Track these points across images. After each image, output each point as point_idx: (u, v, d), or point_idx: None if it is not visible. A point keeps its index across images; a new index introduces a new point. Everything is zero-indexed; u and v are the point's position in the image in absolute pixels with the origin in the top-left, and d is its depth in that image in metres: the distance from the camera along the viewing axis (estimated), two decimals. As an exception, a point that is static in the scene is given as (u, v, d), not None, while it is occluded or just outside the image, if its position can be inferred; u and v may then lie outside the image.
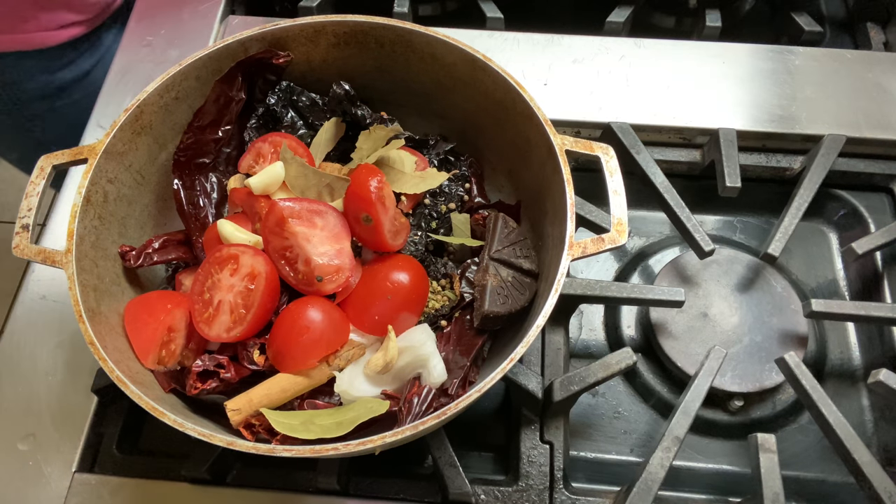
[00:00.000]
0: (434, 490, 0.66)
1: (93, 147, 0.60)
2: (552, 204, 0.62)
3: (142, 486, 0.65)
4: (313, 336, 0.57)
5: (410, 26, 0.66)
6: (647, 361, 0.75)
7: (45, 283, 0.75)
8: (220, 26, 0.92)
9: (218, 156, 0.70)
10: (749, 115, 0.83)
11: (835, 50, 0.88)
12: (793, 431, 0.72)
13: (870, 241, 0.74)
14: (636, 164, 0.78)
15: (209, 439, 0.49)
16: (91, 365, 0.70)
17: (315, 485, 0.64)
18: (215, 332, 0.58)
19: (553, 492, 0.65)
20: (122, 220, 0.64)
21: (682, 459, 0.71)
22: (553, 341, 0.72)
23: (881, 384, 0.65)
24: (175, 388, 0.60)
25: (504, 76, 0.63)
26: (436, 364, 0.59)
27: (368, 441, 0.48)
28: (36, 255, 0.58)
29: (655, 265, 0.82)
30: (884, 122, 0.82)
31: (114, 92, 0.87)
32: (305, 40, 0.68)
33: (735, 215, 0.85)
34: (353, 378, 0.59)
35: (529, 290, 0.63)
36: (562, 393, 0.65)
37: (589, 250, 0.57)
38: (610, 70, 0.87)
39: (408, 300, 0.61)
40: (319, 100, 0.72)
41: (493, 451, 0.71)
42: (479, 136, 0.72)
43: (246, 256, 0.59)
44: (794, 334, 0.73)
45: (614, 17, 0.94)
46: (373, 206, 0.59)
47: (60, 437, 0.67)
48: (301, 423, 0.54)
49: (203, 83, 0.66)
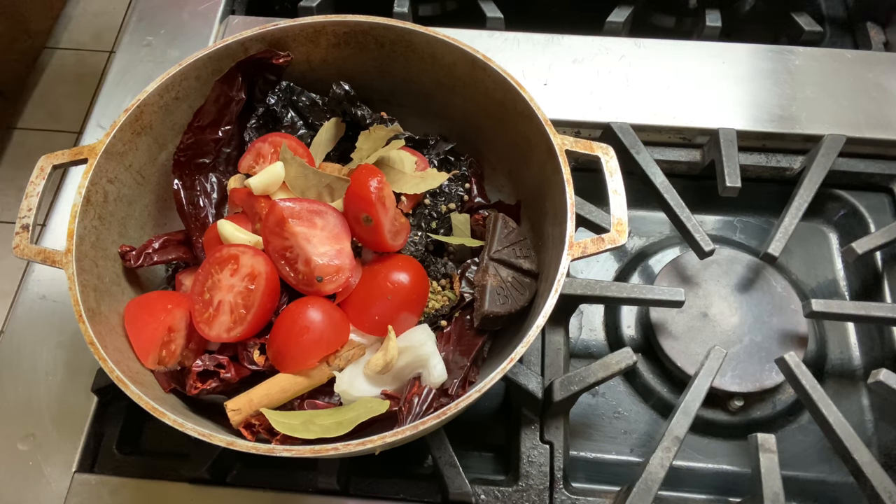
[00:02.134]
0: (434, 490, 0.66)
1: (93, 147, 0.60)
2: (552, 204, 0.62)
3: (142, 486, 0.65)
4: (313, 336, 0.58)
5: (410, 26, 0.66)
6: (647, 361, 0.75)
7: (45, 283, 0.75)
8: (220, 26, 0.92)
9: (218, 156, 0.70)
10: (749, 115, 0.83)
11: (835, 50, 0.88)
12: (793, 431, 0.72)
13: (870, 241, 0.74)
14: (636, 164, 0.78)
15: (209, 439, 0.49)
16: (91, 365, 0.70)
17: (315, 485, 0.64)
18: (215, 332, 0.58)
19: (553, 492, 0.65)
20: (122, 220, 0.64)
21: (682, 459, 0.71)
22: (553, 341, 0.72)
23: (881, 384, 0.65)
24: (175, 388, 0.60)
25: (504, 76, 0.63)
26: (436, 364, 0.59)
27: (368, 441, 0.48)
28: (36, 255, 0.58)
29: (655, 265, 0.82)
30: (884, 122, 0.82)
31: (114, 92, 0.87)
32: (305, 40, 0.68)
33: (735, 215, 0.85)
34: (353, 378, 0.59)
35: (529, 291, 0.63)
36: (562, 393, 0.65)
37: (589, 250, 0.57)
38: (610, 70, 0.87)
39: (408, 300, 0.61)
40: (319, 100, 0.72)
41: (493, 451, 0.71)
42: (479, 136, 0.72)
43: (246, 256, 0.59)
44: (794, 334, 0.73)
45: (614, 17, 0.94)
46: (373, 206, 0.59)
47: (60, 437, 0.67)
48: (301, 423, 0.54)
49: (203, 83, 0.66)
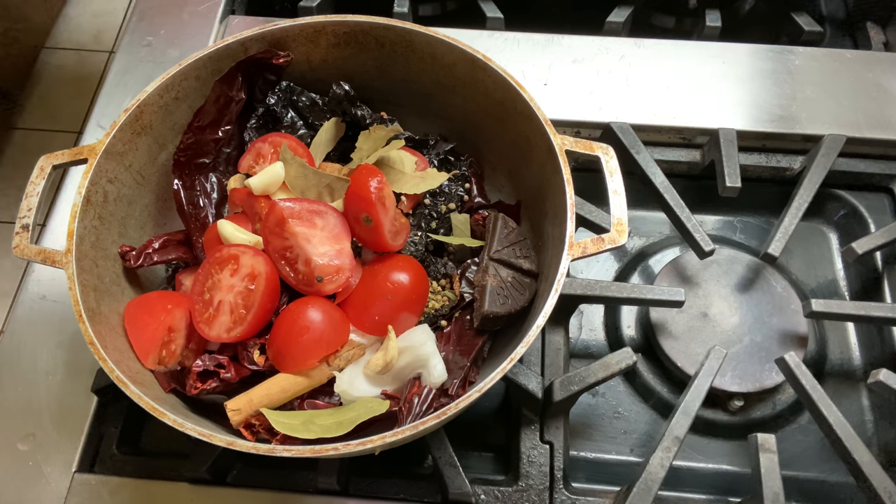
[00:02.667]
0: (434, 490, 0.66)
1: (93, 147, 0.60)
2: (552, 204, 0.62)
3: (142, 486, 0.65)
4: (313, 336, 0.58)
5: (410, 26, 0.66)
6: (647, 361, 0.75)
7: (45, 283, 0.75)
8: (220, 26, 0.92)
9: (218, 156, 0.70)
10: (749, 115, 0.83)
11: (835, 50, 0.88)
12: (793, 431, 0.72)
13: (870, 241, 0.74)
14: (636, 164, 0.78)
15: (209, 439, 0.49)
16: (91, 365, 0.70)
17: (315, 485, 0.64)
18: (215, 332, 0.58)
19: (553, 492, 0.65)
20: (122, 220, 0.64)
21: (682, 459, 0.71)
22: (553, 341, 0.72)
23: (881, 384, 0.65)
24: (175, 388, 0.60)
25: (504, 76, 0.63)
26: (436, 364, 0.59)
27: (368, 441, 0.48)
28: (36, 255, 0.58)
29: (655, 265, 0.82)
30: (884, 122, 0.82)
31: (114, 92, 0.87)
32: (305, 40, 0.68)
33: (735, 215, 0.85)
34: (353, 378, 0.59)
35: (529, 291, 0.63)
36: (562, 393, 0.65)
37: (589, 250, 0.57)
38: (610, 70, 0.87)
39: (408, 300, 0.61)
40: (319, 100, 0.72)
41: (493, 451, 0.71)
42: (479, 136, 0.72)
43: (246, 257, 0.59)
44: (794, 334, 0.73)
45: (614, 17, 0.94)
46: (373, 206, 0.59)
47: (60, 437, 0.67)
48: (301, 423, 0.54)
49: (203, 83, 0.66)
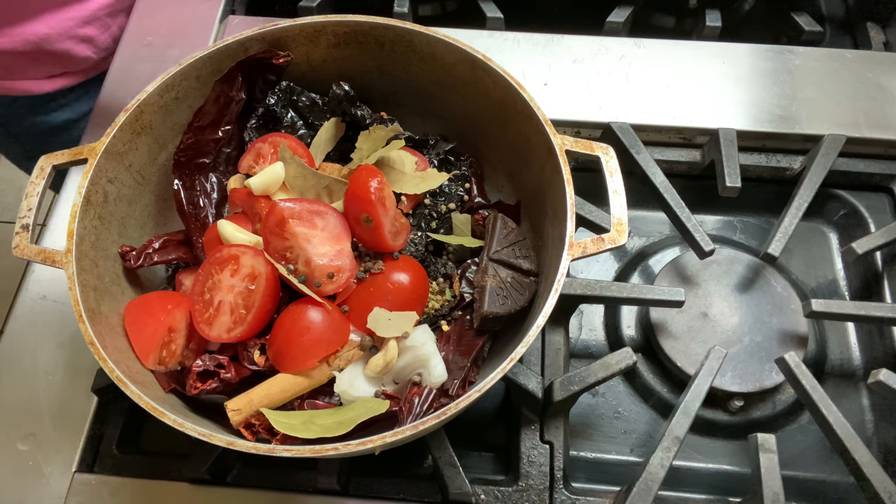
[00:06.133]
0: (434, 490, 0.66)
1: (93, 147, 0.60)
2: (552, 204, 0.62)
3: (142, 486, 0.65)
4: (313, 336, 0.57)
5: (410, 26, 0.66)
6: (647, 361, 0.75)
7: (45, 283, 0.75)
8: (220, 26, 0.92)
9: (218, 156, 0.70)
10: (749, 115, 0.83)
11: (835, 50, 0.88)
12: (793, 431, 0.72)
13: (870, 241, 0.74)
14: (636, 164, 0.78)
15: (209, 439, 0.49)
16: (91, 365, 0.70)
17: (315, 485, 0.64)
18: (216, 332, 0.58)
19: (553, 492, 0.65)
20: (122, 220, 0.64)
21: (682, 459, 0.71)
22: (553, 341, 0.72)
23: (881, 384, 0.65)
24: (175, 388, 0.60)
25: (504, 76, 0.63)
26: (436, 364, 0.59)
27: (368, 441, 0.48)
28: (36, 255, 0.58)
29: (655, 265, 0.82)
30: (884, 122, 0.82)
31: (114, 92, 0.87)
32: (305, 40, 0.68)
33: (735, 215, 0.85)
34: (353, 378, 0.59)
35: (529, 291, 0.63)
36: (562, 393, 0.65)
37: (589, 250, 0.57)
38: (610, 70, 0.87)
39: (408, 300, 0.61)
40: (319, 100, 0.72)
41: (493, 451, 0.71)
42: (479, 136, 0.72)
43: (246, 257, 0.59)
44: (794, 334, 0.73)
45: (614, 17, 0.94)
46: (373, 206, 0.59)
47: (60, 437, 0.67)
48: (301, 423, 0.54)
49: (203, 83, 0.66)
